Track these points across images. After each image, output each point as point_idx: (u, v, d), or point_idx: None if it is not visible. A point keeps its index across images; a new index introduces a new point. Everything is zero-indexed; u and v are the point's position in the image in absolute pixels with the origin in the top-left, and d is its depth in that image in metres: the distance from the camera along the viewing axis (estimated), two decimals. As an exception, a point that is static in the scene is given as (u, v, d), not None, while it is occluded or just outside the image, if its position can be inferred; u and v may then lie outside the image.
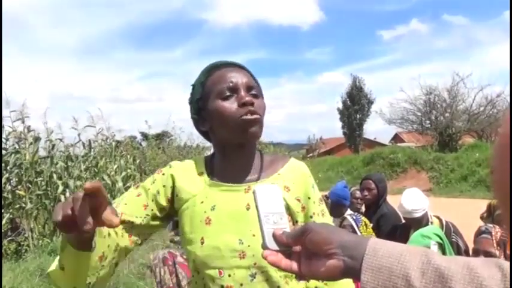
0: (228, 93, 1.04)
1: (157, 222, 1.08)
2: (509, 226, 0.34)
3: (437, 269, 0.54)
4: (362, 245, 0.59)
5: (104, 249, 0.92)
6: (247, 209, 1.03)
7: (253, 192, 0.73)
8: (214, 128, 1.08)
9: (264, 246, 0.67)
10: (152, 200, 1.07)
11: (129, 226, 1.04)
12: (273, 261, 0.65)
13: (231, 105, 1.03)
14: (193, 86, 1.12)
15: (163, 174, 1.11)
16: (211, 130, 1.10)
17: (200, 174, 1.10)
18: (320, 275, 0.62)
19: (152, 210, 1.06)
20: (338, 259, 0.60)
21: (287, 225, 0.70)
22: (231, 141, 1.06)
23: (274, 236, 0.67)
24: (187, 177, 1.09)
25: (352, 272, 0.59)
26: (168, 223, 1.13)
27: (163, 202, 1.07)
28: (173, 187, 1.08)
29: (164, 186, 1.08)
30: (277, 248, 0.66)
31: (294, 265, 0.65)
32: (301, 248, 0.65)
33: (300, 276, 0.65)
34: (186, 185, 1.08)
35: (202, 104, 1.09)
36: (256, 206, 0.71)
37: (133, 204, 1.06)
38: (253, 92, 1.07)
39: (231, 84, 1.04)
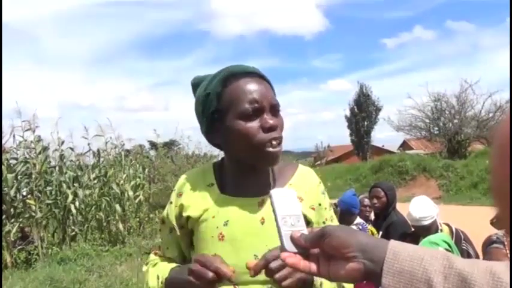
0: (251, 114, 0.98)
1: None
2: (510, 227, 0.34)
3: (459, 273, 0.53)
4: (382, 248, 0.59)
5: None
6: (262, 223, 1.01)
7: (270, 196, 0.74)
8: (231, 145, 1.04)
9: (282, 249, 0.67)
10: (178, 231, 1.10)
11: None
12: (291, 262, 0.65)
13: (254, 128, 0.98)
14: (208, 94, 1.03)
15: (171, 202, 1.12)
16: (225, 145, 1.06)
17: (210, 185, 1.07)
18: (340, 278, 0.62)
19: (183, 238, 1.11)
20: (358, 262, 0.59)
21: (304, 227, 0.71)
22: (247, 161, 1.03)
23: (292, 238, 0.67)
24: (196, 192, 1.07)
25: (373, 275, 0.59)
26: None
27: (183, 234, 1.09)
28: (182, 214, 1.07)
29: (175, 216, 1.09)
30: (295, 250, 0.66)
31: (313, 266, 0.65)
32: (319, 250, 0.65)
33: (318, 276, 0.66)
34: (195, 202, 1.06)
35: (218, 117, 1.02)
36: (273, 209, 0.72)
37: (172, 243, 1.12)
38: (276, 108, 1.02)
39: (256, 105, 0.98)
